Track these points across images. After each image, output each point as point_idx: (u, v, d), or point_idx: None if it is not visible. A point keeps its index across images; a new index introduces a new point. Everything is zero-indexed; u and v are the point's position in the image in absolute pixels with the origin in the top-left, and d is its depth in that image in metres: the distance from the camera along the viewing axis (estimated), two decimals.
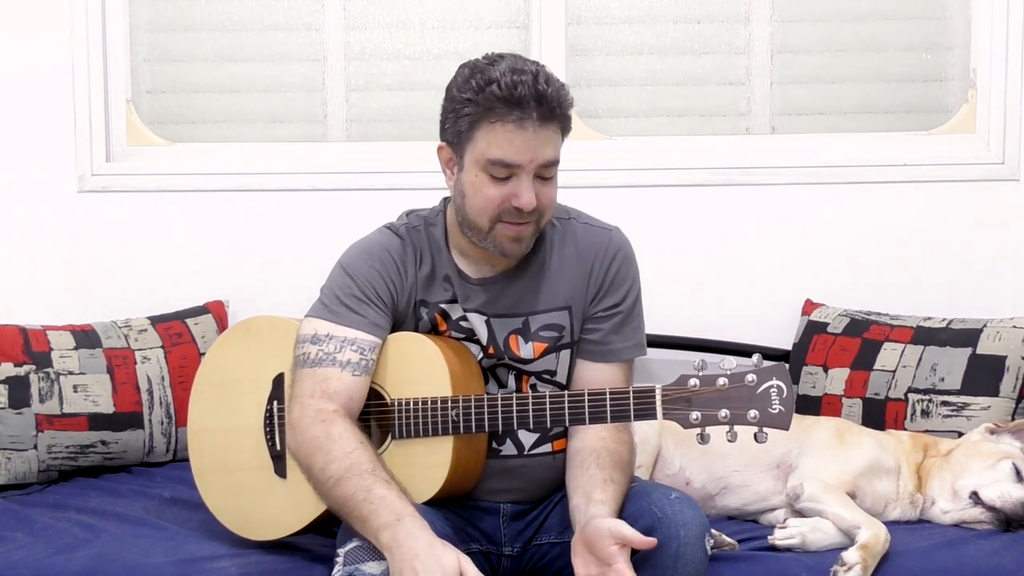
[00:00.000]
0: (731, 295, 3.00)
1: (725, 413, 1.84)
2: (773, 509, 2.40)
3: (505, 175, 1.93)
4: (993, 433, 2.42)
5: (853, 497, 2.29)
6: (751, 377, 1.84)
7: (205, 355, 2.30)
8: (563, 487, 2.03)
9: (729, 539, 2.20)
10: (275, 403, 2.12)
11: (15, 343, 2.66)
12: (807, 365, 2.79)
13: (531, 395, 1.96)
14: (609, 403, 1.91)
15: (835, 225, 3.00)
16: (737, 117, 3.10)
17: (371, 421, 2.05)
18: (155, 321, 2.83)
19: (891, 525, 2.22)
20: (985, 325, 2.64)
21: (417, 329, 2.07)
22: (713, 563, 2.01)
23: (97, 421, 2.65)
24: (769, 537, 2.20)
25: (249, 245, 3.02)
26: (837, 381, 2.72)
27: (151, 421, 2.71)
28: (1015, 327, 2.61)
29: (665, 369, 2.83)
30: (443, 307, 2.07)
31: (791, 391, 1.83)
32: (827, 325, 2.82)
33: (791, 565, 2.13)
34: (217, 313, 2.91)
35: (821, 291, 2.96)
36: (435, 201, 2.15)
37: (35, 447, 2.61)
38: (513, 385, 2.09)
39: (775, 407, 1.83)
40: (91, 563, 2.11)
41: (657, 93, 3.09)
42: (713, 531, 2.08)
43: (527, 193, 1.92)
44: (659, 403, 1.87)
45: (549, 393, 1.97)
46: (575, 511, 1.92)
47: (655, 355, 2.80)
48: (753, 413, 1.83)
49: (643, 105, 3.10)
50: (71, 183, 3.01)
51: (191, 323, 2.84)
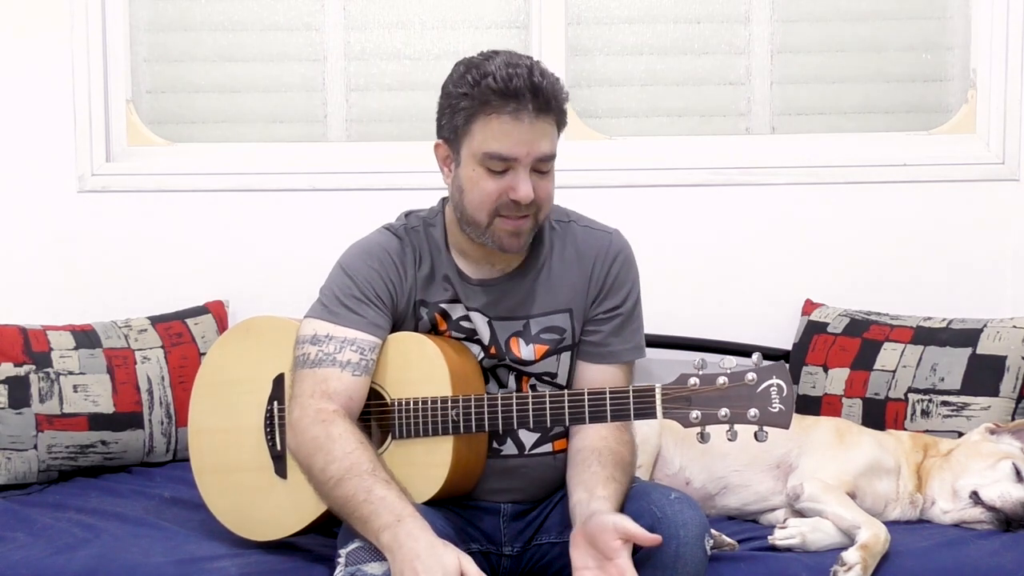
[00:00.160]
0: (731, 295, 3.00)
1: (725, 412, 1.84)
2: (773, 509, 2.40)
3: (502, 168, 1.93)
4: (993, 433, 2.42)
5: (853, 497, 2.29)
6: (751, 376, 1.84)
7: (205, 355, 2.30)
8: (563, 487, 2.03)
9: (729, 539, 2.20)
10: (275, 403, 2.12)
11: (15, 343, 2.66)
12: (807, 365, 2.79)
13: (531, 395, 1.96)
14: (609, 402, 1.90)
15: (835, 225, 2.99)
16: (737, 117, 3.10)
17: (371, 421, 2.05)
18: (155, 321, 2.83)
19: (891, 525, 2.21)
20: (985, 325, 2.64)
21: (417, 329, 2.07)
22: (713, 563, 2.01)
23: (97, 421, 2.65)
24: (769, 537, 2.20)
25: (249, 245, 3.02)
26: (837, 381, 2.72)
27: (151, 421, 2.71)
28: (1015, 327, 2.61)
29: (665, 369, 2.82)
30: (443, 307, 2.07)
31: (791, 390, 1.83)
32: (827, 325, 2.82)
33: (791, 565, 2.13)
34: (217, 313, 2.91)
35: (821, 291, 2.96)
36: (435, 201, 2.15)
37: (35, 447, 2.61)
38: (513, 386, 2.09)
39: (775, 406, 1.83)
40: (91, 563, 2.11)
41: (657, 93, 3.09)
42: (713, 531, 2.08)
43: (524, 186, 1.92)
44: (659, 402, 1.87)
45: (549, 392, 1.97)
46: (576, 506, 1.91)
47: (655, 355, 2.80)
48: (753, 412, 1.83)
49: (643, 105, 3.10)
50: (71, 183, 3.01)
51: (191, 323, 2.84)
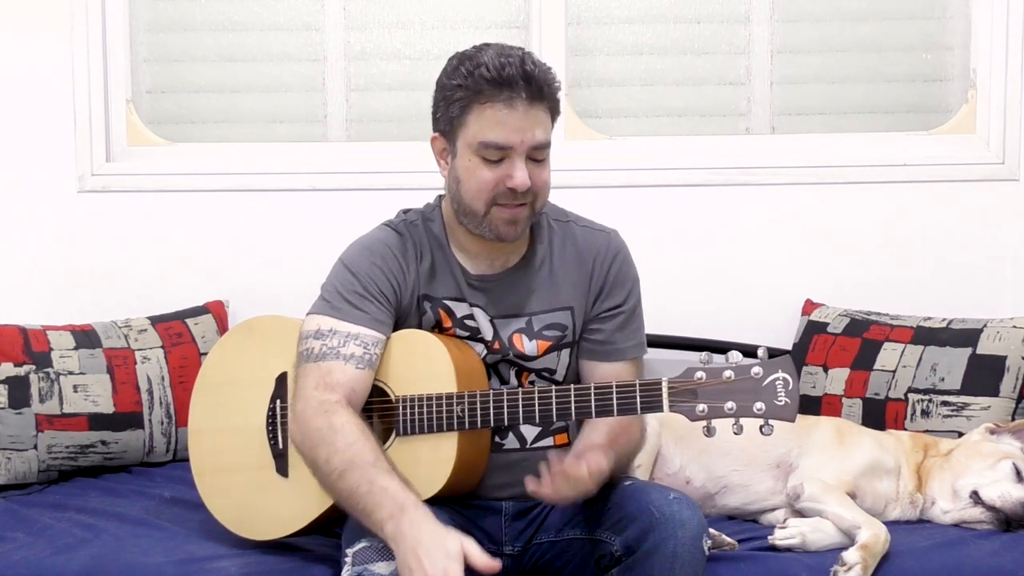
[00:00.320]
0: (731, 295, 3.00)
1: (731, 405, 1.84)
2: (773, 509, 2.40)
3: (498, 157, 1.94)
4: (993, 433, 2.42)
5: (853, 497, 2.29)
6: (757, 370, 1.84)
7: (206, 356, 2.30)
8: None
9: (729, 539, 2.20)
10: (278, 402, 2.12)
11: (15, 343, 2.66)
12: (807, 365, 2.79)
13: (537, 390, 1.96)
14: (616, 396, 1.91)
15: (835, 225, 2.99)
16: (737, 117, 3.10)
17: (375, 418, 2.05)
18: (155, 321, 2.83)
19: (891, 525, 2.22)
20: (985, 325, 2.64)
21: (420, 325, 2.08)
22: (713, 563, 2.01)
23: (97, 421, 2.65)
24: (769, 537, 2.20)
25: (249, 245, 3.02)
26: (837, 381, 2.72)
27: (151, 421, 2.71)
28: (1015, 327, 2.61)
29: (665, 369, 2.80)
30: (447, 303, 2.07)
31: (796, 384, 1.84)
32: (827, 325, 2.82)
33: (791, 565, 2.13)
34: (217, 313, 2.91)
35: (821, 291, 2.96)
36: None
37: (35, 447, 2.60)
38: (514, 381, 2.10)
39: (781, 399, 1.83)
40: (91, 563, 2.11)
41: (657, 93, 3.09)
42: (713, 531, 2.08)
43: (520, 173, 1.94)
44: (665, 395, 1.87)
45: (555, 387, 1.97)
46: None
47: (655, 355, 2.80)
48: (759, 405, 1.83)
49: (643, 105, 3.10)
50: (71, 183, 3.01)
51: (191, 323, 2.84)
